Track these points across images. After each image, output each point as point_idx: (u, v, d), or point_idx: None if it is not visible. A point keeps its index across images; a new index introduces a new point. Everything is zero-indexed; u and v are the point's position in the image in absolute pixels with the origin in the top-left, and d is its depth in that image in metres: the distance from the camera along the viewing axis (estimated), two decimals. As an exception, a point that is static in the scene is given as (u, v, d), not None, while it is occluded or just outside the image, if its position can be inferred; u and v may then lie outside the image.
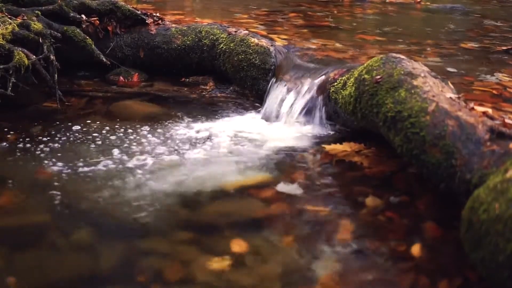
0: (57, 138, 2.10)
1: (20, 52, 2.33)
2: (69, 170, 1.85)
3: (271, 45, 2.67)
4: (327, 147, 2.07)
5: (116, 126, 2.24)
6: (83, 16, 2.78)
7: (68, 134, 2.14)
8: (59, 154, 1.97)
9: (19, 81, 2.34)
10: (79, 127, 2.21)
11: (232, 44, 2.72)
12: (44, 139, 2.09)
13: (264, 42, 2.68)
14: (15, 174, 1.83)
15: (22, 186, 1.76)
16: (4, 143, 2.04)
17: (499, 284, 1.14)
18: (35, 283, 1.32)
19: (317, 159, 2.04)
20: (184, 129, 2.25)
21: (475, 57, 3.07)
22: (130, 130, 2.20)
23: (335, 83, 2.21)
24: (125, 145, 2.07)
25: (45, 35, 2.48)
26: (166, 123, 2.31)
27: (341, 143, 2.09)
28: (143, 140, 2.12)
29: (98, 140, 2.10)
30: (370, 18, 4.60)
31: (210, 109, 2.51)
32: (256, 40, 2.67)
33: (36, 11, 2.64)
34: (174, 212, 1.65)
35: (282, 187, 1.81)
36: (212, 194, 1.75)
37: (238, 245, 1.47)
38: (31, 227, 1.55)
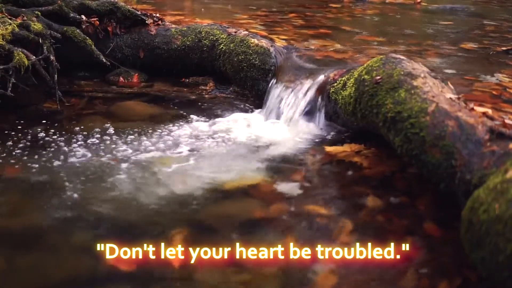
0: (57, 139, 2.10)
1: (20, 53, 2.33)
2: (69, 171, 1.85)
3: (271, 46, 2.67)
4: (327, 148, 2.07)
5: (116, 127, 2.23)
6: (83, 16, 2.78)
7: (68, 134, 2.14)
8: (59, 155, 1.97)
9: (19, 82, 2.34)
10: (79, 128, 2.21)
11: (232, 45, 2.72)
12: (44, 139, 2.09)
13: (264, 42, 2.68)
14: (15, 174, 1.83)
15: (22, 187, 1.76)
16: (4, 144, 2.04)
17: (499, 284, 1.14)
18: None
19: (317, 160, 2.04)
20: (184, 130, 2.25)
21: (475, 58, 3.07)
22: (130, 131, 2.20)
23: (335, 84, 2.22)
24: (125, 145, 2.07)
25: (45, 36, 2.48)
26: (166, 123, 2.31)
27: (341, 144, 2.10)
28: (143, 141, 2.12)
29: (98, 141, 2.10)
30: (370, 19, 4.60)
31: (210, 110, 2.51)
32: (256, 41, 2.67)
33: (36, 12, 2.64)
34: (173, 211, 1.64)
35: (282, 187, 1.81)
36: (212, 194, 1.75)
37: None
38: (32, 228, 1.55)
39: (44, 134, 2.14)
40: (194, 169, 1.91)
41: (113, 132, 2.18)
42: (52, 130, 2.18)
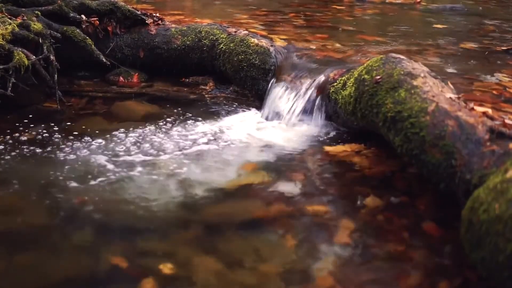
0: (57, 138, 2.10)
1: (20, 53, 2.33)
2: (69, 170, 1.85)
3: (271, 45, 2.67)
4: (327, 147, 2.07)
5: (116, 126, 2.23)
6: (83, 16, 2.78)
7: (68, 134, 2.14)
8: (59, 154, 1.97)
9: (19, 82, 2.34)
10: (79, 127, 2.21)
11: (232, 44, 2.72)
12: (44, 139, 2.09)
13: (264, 42, 2.68)
14: (16, 174, 1.83)
15: (22, 187, 1.76)
16: (4, 144, 2.04)
17: (499, 284, 1.14)
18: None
19: (317, 159, 2.03)
20: (184, 130, 2.25)
21: (475, 57, 3.06)
22: (130, 130, 2.20)
23: (335, 83, 2.22)
24: (125, 145, 2.07)
25: (45, 36, 2.48)
26: (166, 123, 2.31)
27: (341, 143, 2.10)
28: (143, 140, 2.11)
29: (98, 140, 2.10)
30: (370, 18, 4.60)
31: (210, 110, 2.51)
32: (256, 40, 2.67)
33: (36, 11, 2.64)
34: (174, 212, 1.64)
35: (282, 187, 1.81)
36: (212, 194, 1.75)
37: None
38: (31, 228, 1.55)
39: (44, 134, 2.14)
40: (194, 169, 1.91)
41: (113, 132, 2.18)
42: (52, 130, 2.18)
